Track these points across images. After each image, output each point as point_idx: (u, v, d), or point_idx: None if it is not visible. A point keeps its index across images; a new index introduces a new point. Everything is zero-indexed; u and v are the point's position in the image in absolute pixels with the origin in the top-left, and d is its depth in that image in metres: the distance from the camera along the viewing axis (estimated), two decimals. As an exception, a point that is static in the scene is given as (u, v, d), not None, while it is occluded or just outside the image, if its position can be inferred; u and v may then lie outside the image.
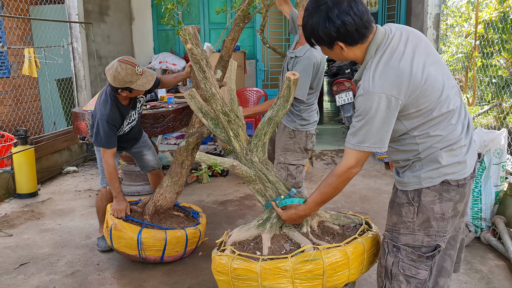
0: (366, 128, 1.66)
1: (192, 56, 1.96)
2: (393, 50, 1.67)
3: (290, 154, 3.03)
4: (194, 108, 2.21)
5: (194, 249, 3.21)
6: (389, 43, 1.69)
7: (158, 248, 2.93)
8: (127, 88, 2.91)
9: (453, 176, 1.73)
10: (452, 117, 1.72)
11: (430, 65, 1.69)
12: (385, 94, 1.61)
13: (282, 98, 2.04)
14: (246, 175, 2.02)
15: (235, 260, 1.96)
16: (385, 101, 1.61)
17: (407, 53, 1.67)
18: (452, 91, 1.74)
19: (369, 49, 1.70)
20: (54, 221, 4.00)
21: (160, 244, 2.91)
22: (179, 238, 2.97)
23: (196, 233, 3.08)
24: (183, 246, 3.02)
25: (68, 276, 3.00)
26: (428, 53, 1.72)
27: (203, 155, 1.93)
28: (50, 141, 5.43)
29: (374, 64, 1.67)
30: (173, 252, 3.00)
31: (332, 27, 1.64)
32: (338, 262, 1.89)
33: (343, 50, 1.70)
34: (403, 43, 1.69)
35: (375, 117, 1.63)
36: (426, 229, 1.77)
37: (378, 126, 1.64)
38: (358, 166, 1.76)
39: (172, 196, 3.12)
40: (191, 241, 3.05)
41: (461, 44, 6.10)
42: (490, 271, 2.95)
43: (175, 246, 2.97)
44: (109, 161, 3.06)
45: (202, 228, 3.17)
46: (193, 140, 2.95)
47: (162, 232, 2.93)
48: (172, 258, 3.07)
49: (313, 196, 1.92)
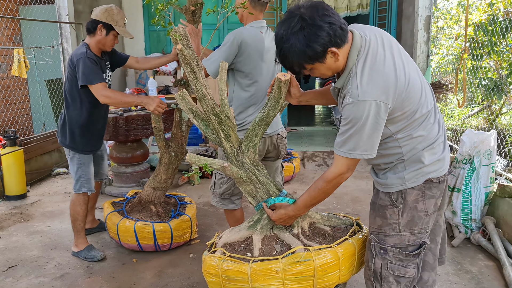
0: (357, 136, 1.65)
1: (183, 57, 1.95)
2: (374, 54, 1.66)
3: None
4: (185, 109, 2.20)
5: (156, 247, 3.24)
6: (369, 47, 1.68)
7: (113, 232, 3.25)
8: (108, 27, 3.05)
9: (435, 174, 1.77)
10: (430, 117, 1.75)
11: (408, 66, 1.70)
12: (375, 100, 1.60)
13: (273, 99, 2.03)
14: (237, 176, 2.02)
15: (226, 261, 1.94)
16: (375, 108, 1.61)
17: (387, 57, 1.67)
18: (427, 90, 1.77)
19: (350, 54, 1.68)
20: (43, 223, 3.96)
21: (114, 228, 3.21)
22: (127, 227, 3.17)
23: (146, 228, 3.15)
24: (133, 237, 3.17)
25: (57, 278, 2.97)
26: (401, 53, 1.73)
27: (194, 156, 1.92)
28: (39, 143, 5.38)
29: (359, 70, 1.65)
30: (124, 240, 3.22)
31: (323, 33, 1.59)
32: (329, 263, 1.89)
33: (336, 57, 1.65)
34: (381, 46, 1.69)
35: (365, 125, 1.62)
36: (411, 228, 1.79)
37: (369, 133, 1.64)
38: (348, 171, 1.76)
39: (149, 190, 3.37)
40: (141, 235, 3.16)
41: (452, 46, 6.15)
42: (480, 271, 2.96)
43: (125, 234, 3.19)
44: (108, 93, 2.99)
45: (170, 225, 3.20)
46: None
47: (118, 218, 3.23)
48: (127, 246, 3.27)
49: (302, 198, 1.92)
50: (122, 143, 4.55)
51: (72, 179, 3.29)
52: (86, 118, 3.17)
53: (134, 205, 3.40)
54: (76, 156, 3.21)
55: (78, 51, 3.05)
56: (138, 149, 4.67)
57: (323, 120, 9.31)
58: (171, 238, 3.22)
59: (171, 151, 3.30)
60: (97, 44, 3.11)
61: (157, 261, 3.19)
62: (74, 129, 3.18)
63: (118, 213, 3.31)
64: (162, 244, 3.22)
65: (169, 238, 3.22)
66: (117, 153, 4.58)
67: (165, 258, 3.23)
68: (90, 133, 3.24)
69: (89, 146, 3.26)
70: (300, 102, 2.09)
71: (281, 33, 1.66)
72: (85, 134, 3.21)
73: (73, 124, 3.17)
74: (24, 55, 5.62)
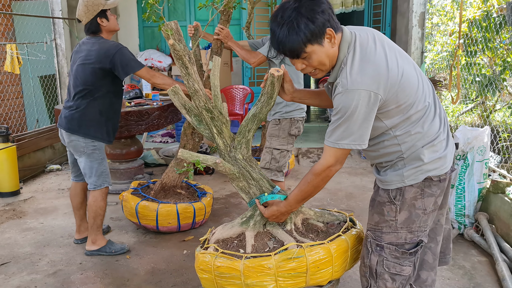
0: (345, 125, 1.64)
1: (175, 52, 1.93)
2: (364, 47, 1.66)
3: (275, 139, 3.23)
4: (177, 104, 2.19)
5: (193, 225, 3.56)
6: (358, 41, 1.68)
7: (151, 218, 3.39)
8: (103, 14, 3.04)
9: (435, 172, 1.75)
10: (429, 112, 1.73)
11: (402, 60, 1.69)
12: (365, 89, 1.59)
13: (266, 95, 2.02)
14: (229, 173, 2.01)
15: (218, 258, 1.94)
16: (365, 97, 1.60)
17: (379, 49, 1.66)
18: (425, 84, 1.75)
19: (341, 47, 1.69)
20: (37, 220, 3.94)
21: (153, 214, 3.37)
22: (169, 211, 3.39)
23: (188, 209, 3.44)
24: (175, 219, 3.42)
25: (50, 275, 2.95)
26: (394, 48, 1.73)
27: (186, 152, 1.91)
28: (32, 139, 5.34)
29: (349, 61, 1.65)
30: (165, 223, 3.42)
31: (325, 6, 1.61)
32: (322, 259, 1.89)
33: (333, 41, 1.65)
34: (372, 41, 1.69)
35: (354, 114, 1.61)
36: (408, 226, 1.77)
37: (358, 123, 1.63)
38: (337, 164, 1.74)
39: (174, 176, 3.55)
40: (183, 215, 3.42)
41: (446, 43, 6.16)
42: (473, 267, 2.98)
43: (166, 218, 3.40)
44: (158, 74, 3.07)
45: (198, 205, 3.49)
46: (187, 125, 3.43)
47: (155, 205, 3.38)
48: (166, 229, 3.48)
49: (293, 194, 1.91)
50: (115, 139, 4.52)
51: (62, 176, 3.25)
52: (110, 106, 3.14)
53: (157, 192, 3.56)
54: (97, 151, 3.11)
55: (107, 43, 3.01)
56: (132, 146, 4.65)
57: (318, 117, 9.31)
58: (204, 214, 3.58)
59: (195, 137, 3.48)
60: (109, 34, 3.13)
61: (150, 258, 3.18)
62: (98, 118, 3.09)
63: (147, 200, 3.46)
64: (198, 221, 3.57)
65: (203, 215, 3.57)
66: (111, 150, 4.56)
67: (158, 254, 3.22)
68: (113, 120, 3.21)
69: (112, 136, 3.22)
70: (294, 99, 2.08)
71: (277, 13, 1.67)
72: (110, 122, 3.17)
73: (95, 114, 3.08)
74: (17, 51, 5.57)
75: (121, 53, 2.97)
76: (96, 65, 2.99)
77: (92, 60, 3.00)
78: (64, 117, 3.11)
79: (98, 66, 2.99)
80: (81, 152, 3.09)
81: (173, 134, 7.00)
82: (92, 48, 3.02)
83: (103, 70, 3.00)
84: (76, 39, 6.05)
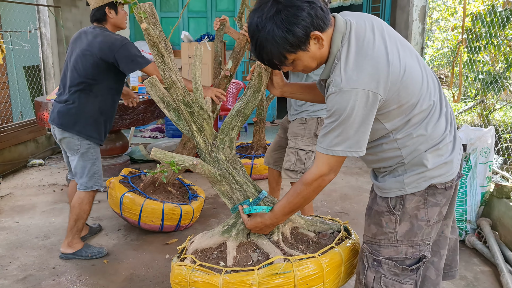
0: (339, 130, 1.42)
1: (149, 38, 1.70)
2: (361, 38, 1.43)
3: (301, 139, 2.96)
4: (155, 97, 1.96)
5: (177, 227, 3.33)
6: (354, 32, 1.45)
7: (134, 212, 3.17)
8: (113, 6, 2.85)
9: (440, 179, 1.53)
10: (434, 111, 1.50)
11: (404, 52, 1.46)
12: (362, 89, 1.37)
13: (253, 88, 1.80)
14: (209, 175, 1.78)
15: (195, 271, 1.72)
16: (362, 97, 1.37)
17: (377, 40, 1.43)
18: (430, 79, 1.52)
19: (334, 39, 1.45)
20: (12, 218, 3.70)
21: (136, 208, 3.15)
22: (155, 209, 3.17)
23: (175, 210, 3.22)
24: (159, 219, 3.19)
25: (19, 281, 2.73)
26: (396, 39, 1.49)
27: (159, 151, 1.68)
28: (13, 132, 5.09)
29: (343, 55, 1.42)
30: (147, 221, 3.20)
31: (303, 13, 1.37)
32: (312, 275, 1.67)
33: (320, 42, 1.43)
34: (370, 30, 1.46)
35: (350, 117, 1.39)
36: (409, 239, 1.55)
37: (355, 127, 1.41)
38: (331, 173, 1.52)
39: (168, 172, 3.40)
40: (168, 216, 3.20)
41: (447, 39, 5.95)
42: (475, 277, 2.77)
43: (150, 215, 3.18)
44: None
45: (186, 208, 3.27)
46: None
47: (142, 199, 3.17)
48: (148, 226, 3.26)
49: (280, 205, 1.69)
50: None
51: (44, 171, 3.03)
52: (111, 105, 2.93)
53: (146, 185, 3.38)
54: (91, 150, 2.88)
55: (112, 37, 2.78)
56: (117, 141, 4.42)
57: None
58: (191, 219, 3.35)
59: None
60: (114, 28, 2.92)
61: (130, 263, 2.95)
62: (97, 117, 2.87)
63: (135, 193, 3.25)
64: (183, 225, 3.35)
65: (189, 219, 3.35)
66: (94, 145, 4.32)
67: (139, 259, 3.00)
68: (110, 121, 2.99)
69: (104, 137, 3.00)
70: (284, 94, 1.85)
71: (255, 22, 1.44)
72: (107, 122, 2.96)
73: (95, 111, 2.85)
74: (1, 40, 5.31)
75: (126, 49, 2.74)
76: (98, 57, 2.76)
77: (94, 51, 2.77)
78: (57, 112, 2.85)
79: (100, 59, 2.76)
80: (75, 151, 2.86)
81: (163, 129, 6.76)
82: (96, 39, 2.79)
83: (106, 63, 2.78)
84: (62, 28, 5.79)
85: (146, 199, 3.18)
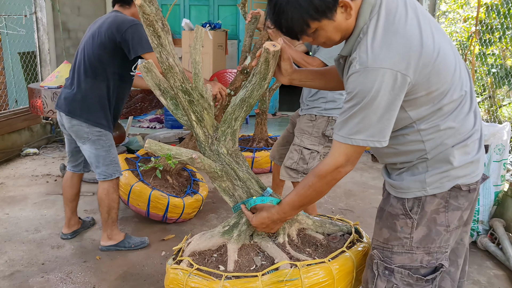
0: (361, 115, 1.25)
1: (144, 16, 1.52)
2: (392, 13, 1.26)
3: (307, 137, 2.76)
4: (151, 84, 1.79)
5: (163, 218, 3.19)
6: (384, 4, 1.27)
7: (124, 191, 3.12)
8: None
9: (465, 179, 1.36)
10: (465, 103, 1.34)
11: (438, 34, 1.29)
12: (390, 69, 1.20)
13: (258, 75, 1.62)
14: (209, 170, 1.61)
15: (192, 276, 1.55)
16: (390, 79, 1.20)
17: (411, 18, 1.26)
18: (463, 69, 1.35)
19: (361, 11, 1.28)
20: (2, 210, 3.54)
21: (126, 188, 3.11)
22: (142, 193, 3.09)
23: (161, 200, 3.10)
24: (145, 204, 3.11)
25: (5, 278, 2.57)
26: (430, 20, 1.32)
27: (154, 143, 1.51)
28: (7, 120, 4.91)
29: (371, 30, 1.25)
30: (135, 203, 3.14)
31: None
32: (321, 283, 1.50)
33: (348, 11, 1.26)
34: (403, 6, 1.28)
35: (374, 100, 1.22)
36: (426, 245, 1.39)
37: (379, 113, 1.24)
38: (348, 164, 1.35)
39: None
40: (154, 203, 3.10)
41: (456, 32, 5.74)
42: (489, 282, 2.62)
43: (137, 198, 3.12)
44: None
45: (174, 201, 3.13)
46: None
47: (134, 180, 3.13)
48: (135, 209, 3.19)
49: (289, 198, 1.51)
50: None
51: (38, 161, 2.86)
52: (115, 91, 2.77)
53: (148, 169, 3.33)
54: (103, 137, 2.72)
55: (123, 17, 2.62)
56: (114, 131, 4.24)
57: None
58: (180, 214, 3.20)
59: None
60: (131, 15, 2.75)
61: (124, 260, 2.80)
62: (103, 103, 2.71)
63: (133, 173, 3.21)
64: (170, 217, 3.20)
65: (178, 214, 3.20)
66: (89, 134, 4.16)
67: (133, 255, 2.85)
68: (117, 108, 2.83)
69: (113, 124, 2.85)
70: (292, 82, 1.67)
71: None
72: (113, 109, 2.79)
73: (101, 97, 2.70)
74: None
75: (135, 29, 2.56)
76: (106, 37, 2.60)
77: (102, 31, 2.61)
78: (64, 98, 2.71)
79: (108, 38, 2.59)
80: (85, 139, 2.70)
81: (162, 119, 6.59)
82: (107, 20, 2.65)
83: (113, 44, 2.60)
84: (58, 13, 5.59)
85: (139, 181, 3.14)
